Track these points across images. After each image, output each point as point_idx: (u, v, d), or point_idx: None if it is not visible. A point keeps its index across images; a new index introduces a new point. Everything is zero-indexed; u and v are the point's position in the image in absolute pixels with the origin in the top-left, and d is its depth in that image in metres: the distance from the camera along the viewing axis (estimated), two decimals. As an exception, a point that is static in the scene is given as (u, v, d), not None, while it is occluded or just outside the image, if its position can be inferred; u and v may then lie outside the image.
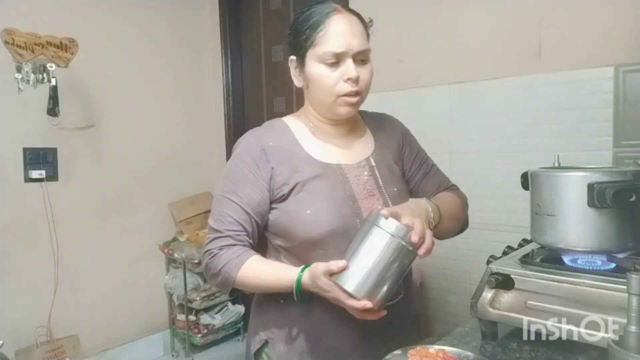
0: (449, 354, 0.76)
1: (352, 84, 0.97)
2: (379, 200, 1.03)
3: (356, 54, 0.97)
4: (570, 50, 1.72)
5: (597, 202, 0.85)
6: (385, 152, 1.12)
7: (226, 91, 3.12)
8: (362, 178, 1.04)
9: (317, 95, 1.02)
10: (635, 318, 0.61)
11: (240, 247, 0.99)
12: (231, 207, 0.99)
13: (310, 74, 1.00)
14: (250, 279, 0.97)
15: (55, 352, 2.36)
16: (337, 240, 0.96)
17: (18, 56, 2.14)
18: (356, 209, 1.00)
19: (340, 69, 0.97)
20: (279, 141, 1.04)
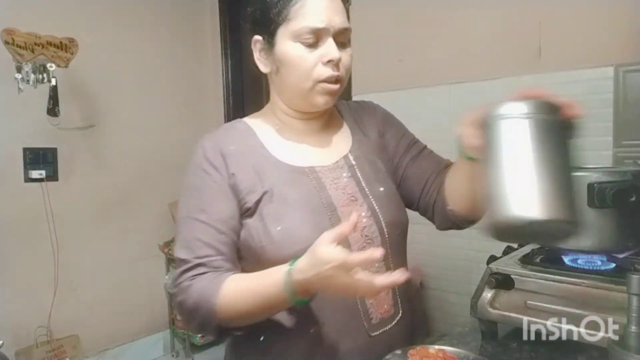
0: (449, 354, 0.76)
1: (333, 67, 0.82)
2: (363, 205, 0.87)
3: (337, 33, 0.83)
4: (570, 50, 1.72)
5: (597, 202, 0.85)
6: (366, 144, 0.96)
7: (226, 91, 3.12)
8: (340, 181, 0.88)
9: (291, 80, 0.85)
10: (635, 318, 0.61)
11: (212, 273, 0.80)
12: (199, 228, 0.82)
13: (283, 55, 0.83)
14: (235, 303, 0.77)
15: (55, 352, 2.36)
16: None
17: (18, 56, 2.13)
18: (335, 220, 0.83)
19: (320, 50, 0.82)
20: (240, 144, 0.88)
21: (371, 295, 0.78)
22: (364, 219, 0.85)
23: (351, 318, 0.82)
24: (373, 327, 0.84)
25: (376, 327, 0.84)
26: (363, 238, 0.85)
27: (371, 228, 0.86)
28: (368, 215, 0.86)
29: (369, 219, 0.86)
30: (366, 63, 2.31)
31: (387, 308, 0.86)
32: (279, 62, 0.85)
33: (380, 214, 0.87)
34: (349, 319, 0.82)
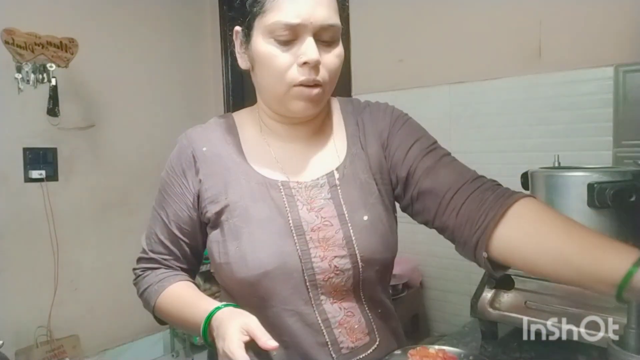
0: (449, 354, 0.76)
1: (310, 70, 0.70)
2: (338, 232, 0.75)
3: (319, 30, 0.70)
4: (570, 50, 1.72)
5: (597, 202, 0.85)
6: (361, 158, 0.81)
7: (226, 91, 3.12)
8: (316, 202, 0.77)
9: (265, 81, 0.75)
10: (635, 318, 0.61)
11: (164, 271, 0.84)
12: (159, 224, 0.84)
13: (257, 52, 0.73)
14: (167, 308, 0.80)
15: (55, 352, 2.36)
16: (276, 288, 0.73)
17: (18, 56, 2.13)
18: (302, 244, 0.74)
19: (295, 49, 0.70)
20: (215, 146, 0.81)
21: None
22: (335, 248, 0.75)
23: (318, 348, 0.75)
24: (343, 356, 0.76)
25: (347, 356, 0.76)
26: (332, 269, 0.75)
27: (342, 259, 0.75)
28: (342, 244, 0.75)
29: (341, 248, 0.75)
30: (366, 63, 2.31)
31: (361, 336, 0.78)
32: (253, 60, 0.75)
33: (356, 247, 0.75)
34: (315, 349, 0.75)
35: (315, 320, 0.75)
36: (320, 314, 0.75)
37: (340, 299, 0.77)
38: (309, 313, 0.75)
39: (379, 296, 0.82)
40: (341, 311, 0.76)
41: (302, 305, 0.75)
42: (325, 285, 0.75)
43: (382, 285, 0.83)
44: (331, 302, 0.76)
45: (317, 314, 0.75)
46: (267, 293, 0.74)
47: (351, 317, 0.77)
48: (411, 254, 2.12)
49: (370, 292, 0.80)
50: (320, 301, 0.75)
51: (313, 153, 0.82)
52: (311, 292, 0.75)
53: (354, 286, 0.77)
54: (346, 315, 0.77)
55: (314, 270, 0.74)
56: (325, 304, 0.76)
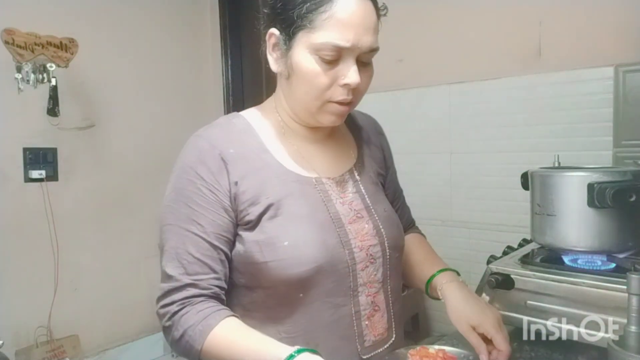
0: (449, 354, 0.76)
1: (347, 91, 0.75)
2: (369, 223, 0.82)
3: (362, 54, 0.75)
4: (570, 50, 1.72)
5: (597, 202, 0.85)
6: (369, 163, 0.91)
7: (226, 91, 3.12)
8: (347, 195, 0.83)
9: (300, 93, 0.77)
10: (635, 318, 0.61)
11: (205, 301, 0.74)
12: (191, 241, 0.75)
13: (298, 64, 0.74)
14: (219, 353, 0.71)
15: (55, 352, 2.36)
16: (323, 281, 0.75)
17: (18, 56, 2.13)
18: (343, 236, 0.78)
19: (338, 69, 0.73)
20: (240, 146, 0.79)
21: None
22: (369, 237, 0.81)
23: (345, 341, 0.78)
24: (365, 349, 0.80)
25: (368, 349, 0.81)
26: (368, 257, 0.81)
27: (375, 247, 0.82)
28: (373, 234, 0.82)
29: (373, 237, 0.82)
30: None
31: (382, 331, 0.83)
32: (292, 70, 0.76)
33: (384, 234, 0.83)
34: (342, 341, 0.78)
35: (349, 312, 0.78)
36: (354, 305, 0.79)
37: (373, 292, 0.82)
38: (345, 305, 0.78)
39: (399, 289, 0.89)
40: (371, 305, 0.81)
41: (341, 296, 0.78)
42: (362, 276, 0.80)
43: (400, 278, 0.90)
44: (366, 294, 0.81)
45: (352, 305, 0.79)
46: (313, 287, 0.75)
47: (377, 311, 0.82)
48: (411, 254, 2.12)
49: (393, 284, 0.86)
50: (357, 292, 0.79)
51: (333, 152, 0.87)
52: (352, 282, 0.78)
53: (383, 277, 0.83)
54: (373, 309, 0.82)
55: (355, 260, 0.79)
56: (360, 295, 0.80)
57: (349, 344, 0.78)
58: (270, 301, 0.78)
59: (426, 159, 2.08)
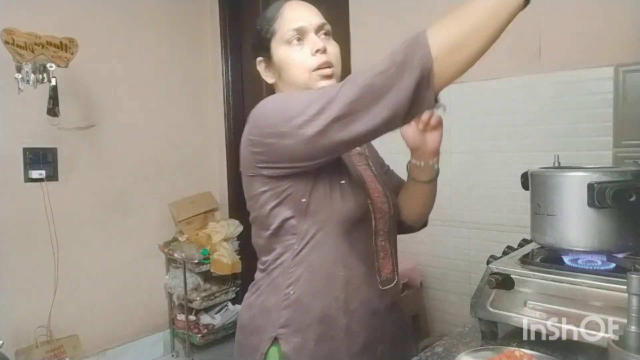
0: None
1: (321, 55, 0.93)
2: (379, 184, 1.05)
3: (318, 28, 0.95)
4: (570, 50, 1.72)
5: (597, 202, 0.85)
6: (372, 150, 1.17)
7: (226, 91, 3.12)
8: (362, 165, 1.06)
9: (291, 77, 0.96)
10: (635, 318, 0.61)
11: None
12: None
13: (280, 60, 0.96)
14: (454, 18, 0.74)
15: (55, 352, 2.36)
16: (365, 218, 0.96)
17: (18, 56, 2.13)
18: (367, 191, 1.00)
19: (307, 45, 0.94)
20: None
21: None
22: (380, 196, 1.01)
23: (370, 271, 0.97)
24: (382, 282, 0.99)
25: (383, 283, 0.99)
26: (381, 210, 1.00)
27: (384, 205, 1.01)
28: (383, 193, 1.02)
29: (383, 196, 1.02)
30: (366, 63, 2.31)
31: (388, 272, 1.01)
32: (279, 68, 0.97)
33: (388, 194, 1.04)
34: (368, 270, 0.96)
35: (372, 249, 0.98)
36: (374, 244, 0.98)
37: (383, 239, 1.00)
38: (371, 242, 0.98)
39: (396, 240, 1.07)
40: (382, 248, 1.00)
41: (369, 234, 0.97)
42: (378, 223, 0.99)
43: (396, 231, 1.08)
44: (380, 239, 0.99)
45: (374, 244, 0.98)
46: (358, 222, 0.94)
47: (386, 255, 1.01)
48: (411, 254, 2.12)
49: (394, 236, 1.06)
50: (376, 234, 0.98)
51: None
52: (373, 227, 0.98)
53: (389, 228, 1.02)
54: (384, 251, 1.01)
55: (374, 210, 0.98)
56: (377, 239, 0.99)
57: (372, 274, 0.97)
58: (334, 229, 0.93)
59: (426, 159, 2.07)
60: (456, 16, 0.74)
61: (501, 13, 0.73)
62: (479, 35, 0.75)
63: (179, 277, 2.79)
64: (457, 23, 0.75)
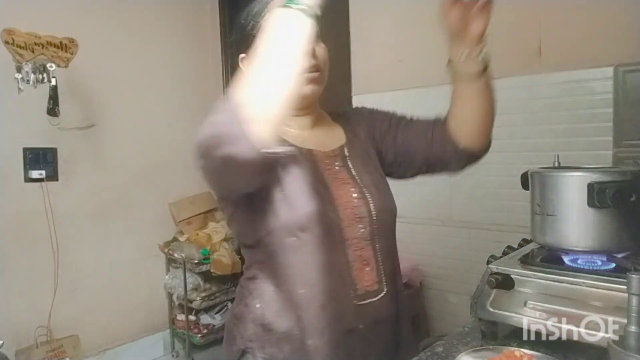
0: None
1: (309, 58, 0.87)
2: (355, 187, 0.95)
3: None
4: (570, 50, 1.72)
5: (597, 202, 0.85)
6: (356, 143, 1.04)
7: (226, 91, 3.12)
8: (332, 168, 0.96)
9: None
10: (635, 318, 0.61)
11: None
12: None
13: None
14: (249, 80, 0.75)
15: (55, 352, 2.36)
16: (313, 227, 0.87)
17: (18, 56, 2.13)
18: (328, 196, 0.91)
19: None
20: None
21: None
22: (354, 200, 0.93)
23: (340, 284, 0.89)
24: (359, 296, 0.90)
25: (361, 297, 0.90)
26: (352, 216, 0.92)
27: (360, 209, 0.93)
28: (358, 197, 0.94)
29: (359, 200, 0.93)
30: (366, 63, 2.31)
31: (371, 283, 0.92)
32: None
33: (368, 197, 0.95)
34: (337, 284, 0.88)
35: (340, 260, 0.89)
36: (345, 255, 0.90)
37: (360, 248, 0.91)
38: (337, 252, 0.89)
39: (389, 248, 0.97)
40: (359, 258, 0.91)
41: (332, 244, 0.89)
42: (348, 232, 0.90)
43: (392, 240, 0.99)
44: (354, 249, 0.91)
45: (343, 255, 0.90)
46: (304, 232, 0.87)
47: (366, 265, 0.92)
48: (411, 254, 2.12)
49: (383, 242, 0.95)
50: (344, 245, 0.90)
51: (323, 134, 1.01)
52: (338, 235, 0.89)
53: (371, 236, 0.93)
54: (362, 262, 0.92)
55: (339, 217, 0.90)
56: (349, 249, 0.90)
57: (343, 288, 0.89)
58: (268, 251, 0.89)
59: (426, 159, 2.08)
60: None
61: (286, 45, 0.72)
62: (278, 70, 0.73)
63: (179, 277, 2.79)
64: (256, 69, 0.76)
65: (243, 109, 0.72)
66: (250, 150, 0.69)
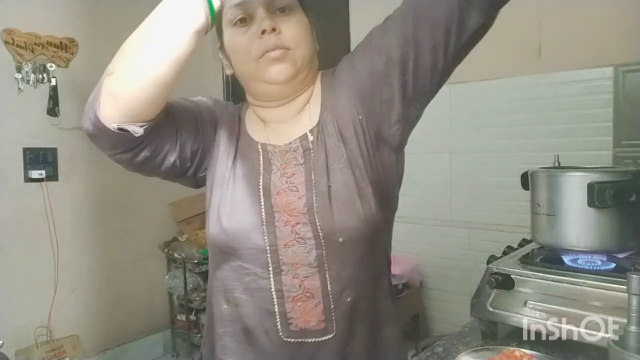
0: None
1: (268, 37, 0.73)
2: (302, 199, 0.74)
3: (269, 1, 0.74)
4: (570, 50, 1.72)
5: (597, 202, 0.85)
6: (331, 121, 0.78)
7: (226, 91, 3.12)
8: (289, 168, 0.77)
9: (239, 67, 0.79)
10: (635, 318, 0.61)
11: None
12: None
13: (227, 46, 0.79)
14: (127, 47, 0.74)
15: (55, 352, 2.36)
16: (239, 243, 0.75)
17: (18, 56, 2.14)
18: (267, 208, 0.75)
19: (253, 27, 0.75)
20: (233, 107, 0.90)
21: None
22: (298, 214, 0.74)
23: (265, 313, 0.75)
24: (290, 332, 0.74)
25: (294, 334, 0.74)
26: (293, 235, 0.73)
27: (304, 227, 0.73)
28: (303, 211, 0.73)
29: (303, 215, 0.73)
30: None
31: (315, 322, 0.74)
32: (228, 57, 0.81)
33: (316, 215, 0.73)
34: (262, 312, 0.75)
35: (269, 286, 0.74)
36: (275, 282, 0.74)
37: (304, 276, 0.73)
38: (264, 278, 0.74)
39: (352, 279, 0.75)
40: (300, 289, 0.73)
41: (259, 267, 0.74)
42: (286, 254, 0.73)
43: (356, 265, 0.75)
44: (293, 276, 0.73)
45: (272, 281, 0.74)
46: (232, 246, 0.76)
47: (310, 298, 0.73)
48: (411, 254, 2.12)
49: (338, 271, 0.74)
50: (280, 270, 0.74)
51: (292, 119, 0.82)
52: (271, 256, 0.74)
53: (319, 262, 0.73)
54: (304, 294, 0.73)
55: (276, 235, 0.74)
56: (285, 275, 0.73)
57: (269, 319, 0.75)
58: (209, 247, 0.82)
59: (426, 159, 2.08)
60: (137, 31, 0.75)
61: (175, 28, 0.70)
62: (148, 48, 0.71)
63: (179, 277, 2.79)
64: (133, 35, 0.74)
65: (106, 78, 0.70)
66: (91, 122, 0.70)
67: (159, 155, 0.77)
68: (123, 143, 0.72)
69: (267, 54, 0.74)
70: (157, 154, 0.76)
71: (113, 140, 0.71)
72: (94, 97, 0.70)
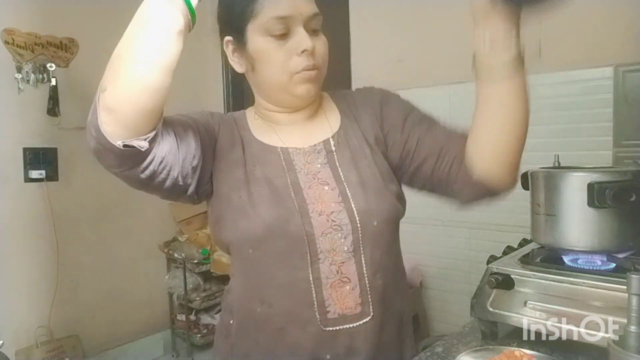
0: None
1: (308, 57, 0.78)
2: (335, 189, 0.80)
3: (307, 21, 0.78)
4: (570, 50, 1.72)
5: (597, 202, 0.85)
6: (353, 128, 0.87)
7: (226, 91, 3.12)
8: (313, 167, 0.82)
9: (268, 75, 0.81)
10: (635, 318, 0.61)
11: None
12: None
13: (256, 51, 0.80)
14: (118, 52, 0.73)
15: (55, 352, 2.36)
16: (273, 240, 0.77)
17: (18, 56, 2.14)
18: (300, 201, 0.78)
19: (291, 42, 0.78)
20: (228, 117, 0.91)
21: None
22: (332, 204, 0.79)
23: (303, 306, 0.76)
24: (329, 321, 0.76)
25: (333, 322, 0.76)
26: (329, 223, 0.78)
27: (340, 214, 0.78)
28: (338, 200, 0.79)
29: (338, 204, 0.79)
30: (366, 63, 2.31)
31: (352, 305, 0.77)
32: (253, 60, 0.81)
33: (352, 201, 0.79)
34: (299, 306, 0.77)
35: (306, 277, 0.76)
36: (313, 271, 0.76)
37: (339, 261, 0.77)
38: (302, 269, 0.76)
39: (382, 263, 0.80)
40: (337, 275, 0.77)
41: (297, 259, 0.76)
42: (323, 242, 0.77)
43: (385, 249, 0.81)
44: (330, 262, 0.77)
45: (310, 271, 0.76)
46: (263, 245, 0.78)
47: (346, 283, 0.77)
48: (411, 254, 2.12)
49: (371, 255, 0.79)
50: (317, 259, 0.77)
51: (309, 127, 0.87)
52: (309, 247, 0.76)
53: (355, 247, 0.78)
54: (341, 279, 0.77)
55: (312, 225, 0.77)
56: (322, 263, 0.77)
57: (307, 310, 0.76)
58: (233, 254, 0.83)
59: (426, 159, 2.08)
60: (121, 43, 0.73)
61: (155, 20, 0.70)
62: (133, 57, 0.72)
63: (179, 277, 2.79)
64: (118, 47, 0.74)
65: (100, 95, 0.69)
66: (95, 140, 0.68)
67: (164, 169, 0.77)
68: (130, 159, 0.72)
69: (304, 73, 0.79)
70: (163, 167, 0.77)
71: (119, 157, 0.70)
72: (92, 115, 0.69)
